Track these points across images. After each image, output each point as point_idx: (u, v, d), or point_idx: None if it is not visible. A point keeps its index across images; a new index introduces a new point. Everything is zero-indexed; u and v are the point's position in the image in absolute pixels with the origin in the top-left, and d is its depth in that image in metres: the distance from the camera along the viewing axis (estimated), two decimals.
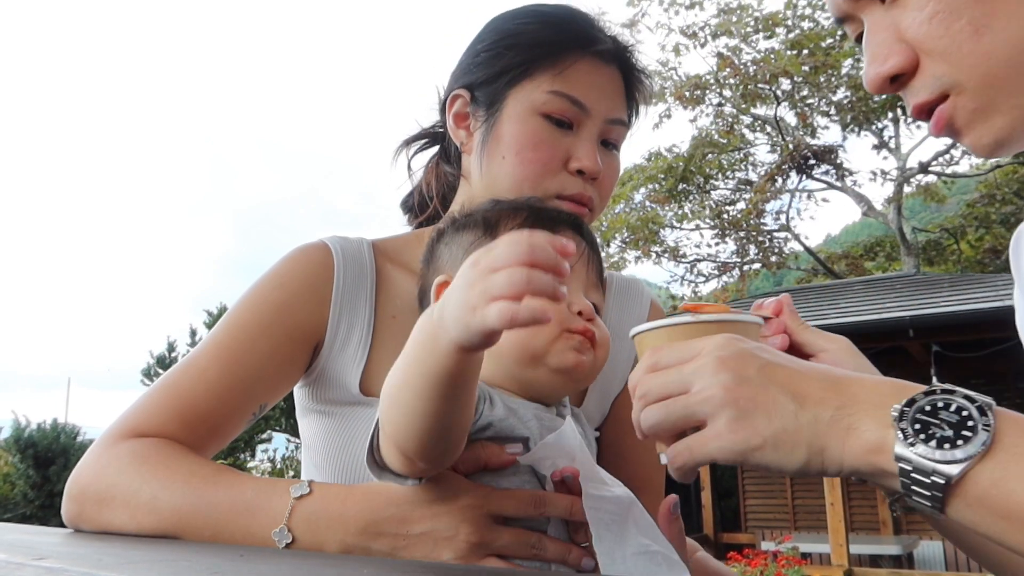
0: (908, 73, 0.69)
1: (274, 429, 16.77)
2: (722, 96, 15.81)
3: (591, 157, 1.00)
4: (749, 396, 0.59)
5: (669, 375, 0.64)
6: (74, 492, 0.88)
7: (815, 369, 0.62)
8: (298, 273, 1.01)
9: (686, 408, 0.62)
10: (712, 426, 0.60)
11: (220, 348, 0.96)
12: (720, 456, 0.60)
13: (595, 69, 1.02)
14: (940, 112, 0.69)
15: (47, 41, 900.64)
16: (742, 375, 0.60)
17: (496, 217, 0.90)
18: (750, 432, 0.58)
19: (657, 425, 0.64)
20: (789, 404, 0.58)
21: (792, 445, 0.57)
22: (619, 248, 16.49)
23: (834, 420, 0.57)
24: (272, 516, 0.79)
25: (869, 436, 0.55)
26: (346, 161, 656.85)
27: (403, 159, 1.20)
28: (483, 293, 0.56)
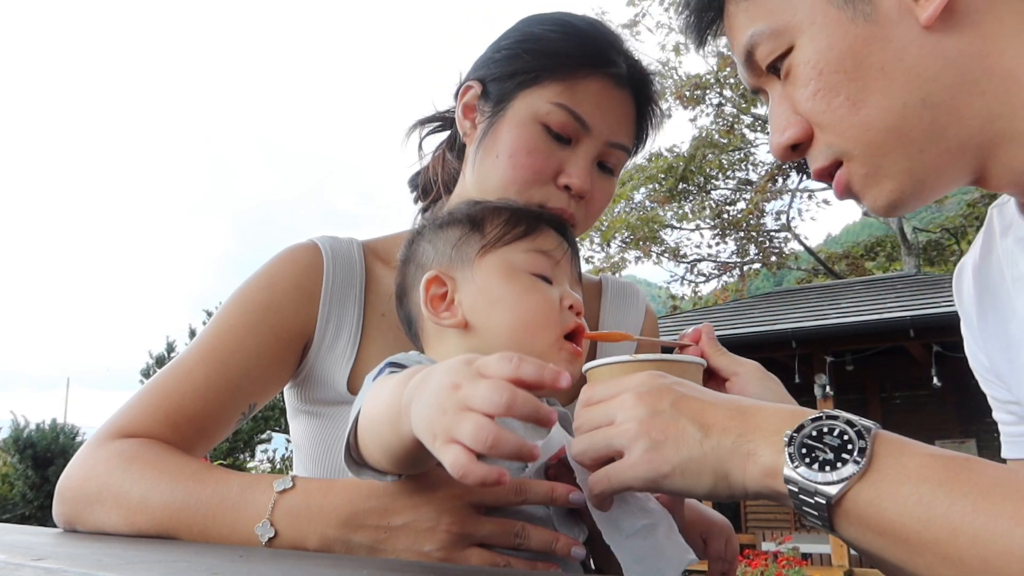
0: (805, 143, 0.78)
1: (273, 429, 16.79)
2: (722, 96, 15.81)
3: (581, 175, 1.00)
4: (660, 428, 0.64)
5: (597, 409, 0.69)
6: (65, 493, 0.89)
7: (725, 400, 0.66)
8: (287, 273, 1.02)
9: (606, 439, 0.67)
10: (628, 456, 0.65)
11: (207, 349, 0.97)
12: (634, 483, 0.65)
13: (605, 90, 1.02)
14: (838, 177, 0.77)
15: (47, 41, 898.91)
16: (655, 409, 0.65)
17: (480, 215, 0.91)
18: (660, 461, 0.63)
19: (582, 454, 0.69)
20: (696, 433, 0.62)
21: (698, 472, 0.62)
22: (619, 248, 16.50)
23: (735, 447, 0.61)
24: (256, 511, 0.80)
25: (764, 460, 0.59)
26: (346, 161, 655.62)
27: (415, 138, 1.20)
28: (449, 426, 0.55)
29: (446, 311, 0.87)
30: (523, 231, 0.88)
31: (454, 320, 0.86)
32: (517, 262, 0.87)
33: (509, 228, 0.89)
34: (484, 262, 0.87)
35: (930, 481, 0.53)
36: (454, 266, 0.89)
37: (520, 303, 0.85)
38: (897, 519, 0.53)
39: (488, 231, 0.89)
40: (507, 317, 0.84)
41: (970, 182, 0.77)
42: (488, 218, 0.90)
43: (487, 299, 0.85)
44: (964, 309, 0.97)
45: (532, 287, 0.86)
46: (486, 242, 0.88)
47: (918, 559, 0.53)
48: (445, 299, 0.88)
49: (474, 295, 0.86)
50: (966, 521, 0.51)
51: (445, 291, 0.88)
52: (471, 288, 0.87)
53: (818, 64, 0.73)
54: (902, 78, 0.71)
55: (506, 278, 0.86)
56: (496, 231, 0.89)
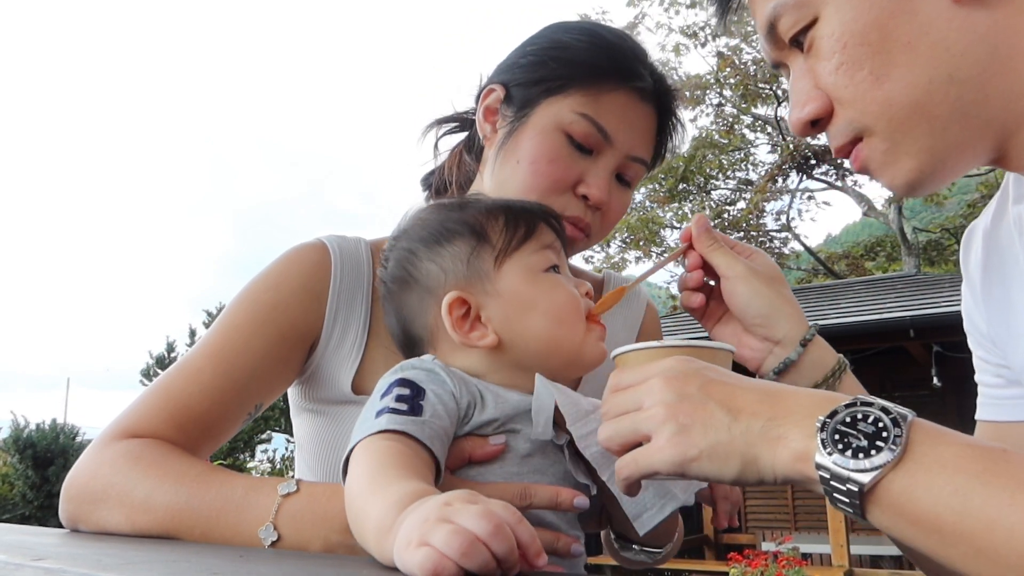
0: (825, 118, 0.76)
1: (274, 429, 16.80)
2: (722, 96, 15.81)
3: (600, 187, 1.00)
4: (688, 411, 0.63)
5: (625, 395, 0.68)
6: (71, 492, 0.89)
7: (755, 385, 0.65)
8: (294, 273, 1.01)
9: (633, 424, 0.66)
10: (655, 440, 0.64)
11: (214, 349, 0.96)
12: (661, 467, 0.63)
13: (630, 103, 1.02)
14: (856, 153, 0.75)
15: (47, 40, 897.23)
16: (683, 393, 0.64)
17: (477, 222, 0.87)
18: (687, 445, 0.62)
19: (609, 439, 0.69)
20: (724, 417, 0.62)
21: (726, 456, 0.61)
22: (619, 248, 16.49)
23: (764, 431, 0.60)
24: (260, 514, 0.80)
25: (795, 445, 0.59)
26: (347, 161, 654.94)
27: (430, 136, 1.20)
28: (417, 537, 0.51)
29: (474, 331, 0.82)
30: (526, 231, 0.87)
31: (487, 339, 0.82)
32: (533, 263, 0.86)
33: (513, 231, 0.87)
34: (503, 272, 0.84)
35: (966, 472, 0.52)
36: (472, 283, 0.84)
37: (552, 302, 0.84)
38: (931, 509, 0.52)
39: (494, 239, 0.86)
40: (543, 321, 0.83)
41: (990, 161, 0.76)
42: (488, 224, 0.87)
43: (518, 308, 0.83)
44: (968, 271, 0.96)
45: (555, 283, 0.86)
46: (498, 251, 0.85)
47: (952, 551, 0.52)
48: (469, 318, 0.83)
49: (503, 308, 0.83)
50: (1003, 514, 0.50)
51: (467, 310, 0.83)
52: (498, 302, 0.83)
53: (842, 36, 0.71)
54: (928, 52, 0.69)
55: (530, 282, 0.85)
56: (503, 237, 0.86)
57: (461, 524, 0.50)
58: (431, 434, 0.70)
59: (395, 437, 0.69)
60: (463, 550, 0.48)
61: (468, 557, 0.48)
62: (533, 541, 0.53)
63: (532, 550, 0.52)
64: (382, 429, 0.69)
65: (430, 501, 0.56)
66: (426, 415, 0.71)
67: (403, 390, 0.73)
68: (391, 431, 0.69)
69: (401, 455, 0.67)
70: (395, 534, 0.54)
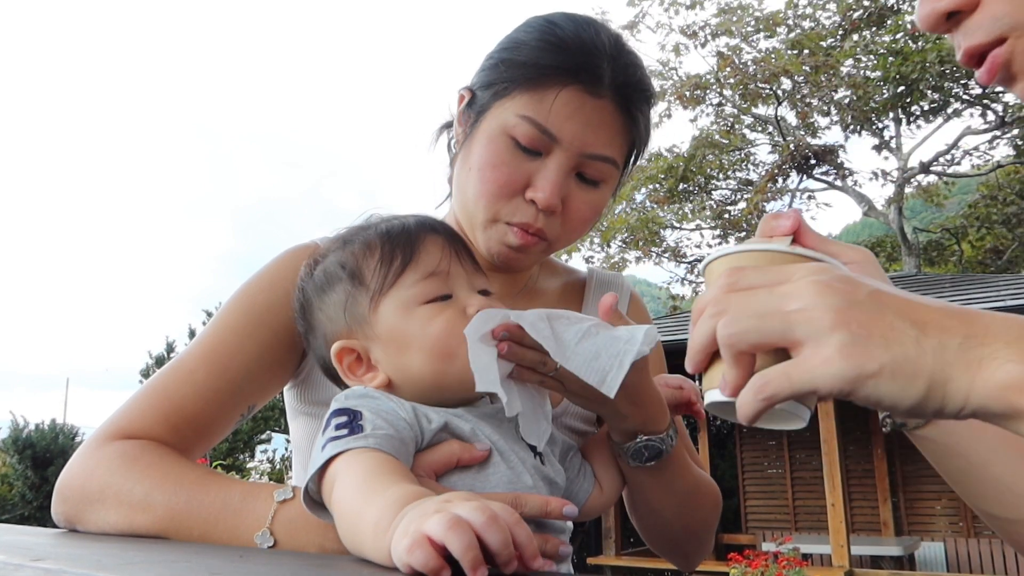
0: (966, 11, 0.64)
1: (273, 430, 16.76)
2: (722, 96, 15.79)
3: (547, 189, 0.96)
4: (863, 320, 0.52)
5: (757, 294, 0.56)
6: (66, 493, 0.89)
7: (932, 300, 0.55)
8: (288, 274, 1.01)
9: (785, 322, 0.54)
10: (817, 350, 0.53)
11: (208, 350, 0.96)
12: (827, 384, 0.52)
13: (578, 99, 0.96)
14: (995, 56, 0.63)
15: (47, 39, 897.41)
16: (851, 298, 0.53)
17: (354, 261, 0.86)
18: (865, 358, 0.51)
19: (740, 333, 0.56)
20: (910, 330, 0.52)
21: (912, 375, 0.51)
22: (619, 248, 16.48)
23: (962, 349, 0.51)
24: (256, 519, 0.80)
25: (1010, 369, 0.49)
26: (348, 159, 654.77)
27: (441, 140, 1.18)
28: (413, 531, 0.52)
29: (367, 373, 0.85)
30: (401, 264, 0.84)
31: (377, 380, 0.84)
32: (409, 298, 0.83)
33: (387, 266, 0.84)
34: (379, 314, 0.84)
35: None
36: (353, 329, 0.85)
37: (427, 338, 0.81)
38: None
39: (369, 279, 0.84)
40: (420, 357, 0.81)
41: None
42: (363, 263, 0.86)
43: (396, 348, 0.83)
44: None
45: (432, 315, 0.83)
46: (372, 293, 0.84)
47: None
48: (361, 362, 0.85)
49: (384, 349, 0.84)
50: None
51: (357, 355, 0.85)
52: (378, 344, 0.84)
53: None
54: None
55: (405, 319, 0.83)
56: (377, 277, 0.84)
57: (456, 512, 0.51)
58: (376, 443, 0.71)
59: (357, 454, 0.69)
60: (449, 529, 0.49)
61: (454, 536, 0.49)
62: (530, 543, 0.53)
63: (529, 551, 0.52)
64: (328, 457, 0.70)
65: (430, 499, 0.57)
66: (367, 430, 0.72)
67: (339, 419, 0.75)
68: (340, 452, 0.70)
69: (380, 463, 0.68)
70: (393, 530, 0.55)
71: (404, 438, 0.74)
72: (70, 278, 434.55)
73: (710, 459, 10.58)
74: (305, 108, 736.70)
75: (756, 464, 11.33)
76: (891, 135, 15.70)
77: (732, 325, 0.56)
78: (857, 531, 9.91)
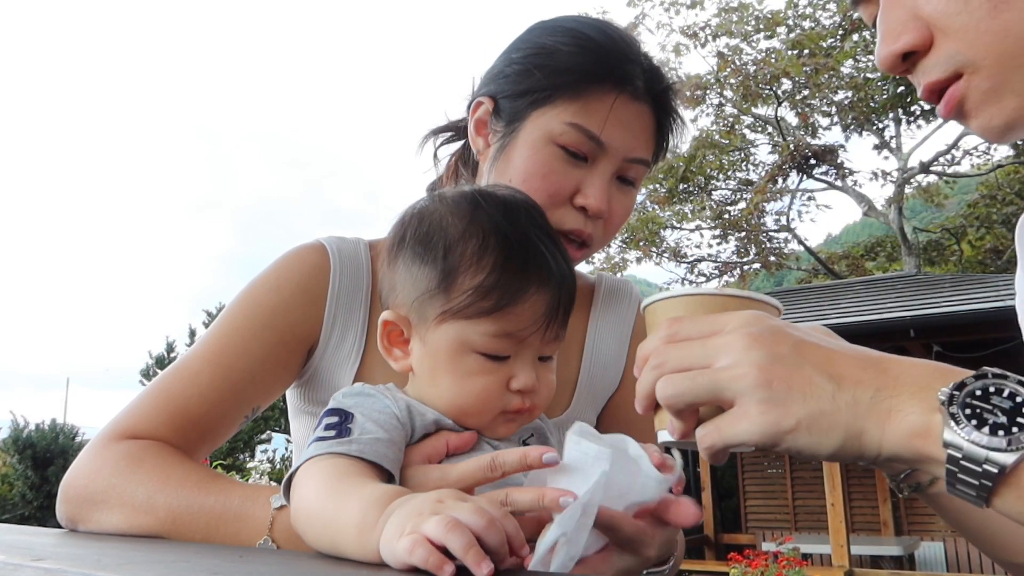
0: (921, 51, 0.67)
1: (273, 429, 16.78)
2: (723, 96, 15.81)
3: (598, 196, 0.97)
4: (783, 376, 0.55)
5: (691, 347, 0.60)
6: (70, 493, 0.89)
7: (851, 349, 0.58)
8: (293, 275, 1.01)
9: (713, 383, 0.58)
10: (741, 407, 0.57)
11: (213, 351, 0.96)
12: (750, 439, 0.56)
13: (622, 106, 0.97)
14: (952, 92, 0.66)
15: (47, 38, 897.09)
16: (775, 353, 0.56)
17: (457, 260, 0.79)
18: (783, 414, 0.55)
19: (677, 396, 0.60)
20: (826, 385, 0.55)
21: (828, 428, 0.54)
22: (619, 248, 16.49)
23: (874, 401, 0.54)
24: (256, 525, 0.81)
25: (913, 420, 0.52)
26: (349, 159, 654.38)
27: (429, 147, 1.19)
28: (411, 528, 0.54)
29: (399, 348, 0.85)
30: (491, 307, 0.77)
31: (403, 364, 0.84)
32: (471, 342, 0.78)
33: (478, 299, 0.77)
34: (440, 329, 0.80)
35: None
36: (412, 315, 0.83)
37: (460, 386, 0.79)
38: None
39: (454, 295, 0.78)
40: (444, 395, 0.80)
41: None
42: (461, 275, 0.78)
43: (431, 366, 0.81)
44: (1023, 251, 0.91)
45: (477, 370, 0.79)
46: (447, 309, 0.78)
47: None
48: (401, 336, 0.85)
49: (422, 354, 0.82)
50: None
51: (401, 331, 0.84)
52: (422, 347, 0.82)
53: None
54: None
55: (453, 355, 0.79)
56: (463, 299, 0.77)
57: (453, 515, 0.53)
58: (359, 449, 0.71)
59: (328, 458, 0.71)
60: (448, 531, 0.51)
61: (454, 537, 0.51)
62: (517, 533, 0.55)
63: (517, 541, 0.55)
64: (308, 457, 0.71)
65: (419, 497, 0.58)
66: (354, 434, 0.73)
67: (331, 419, 0.75)
68: (319, 455, 0.71)
69: (350, 466, 0.69)
70: (380, 528, 0.57)
71: (393, 439, 0.74)
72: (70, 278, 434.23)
73: None
74: (306, 108, 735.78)
75: (756, 464, 11.34)
76: (891, 135, 15.72)
77: (669, 387, 0.60)
78: (857, 531, 9.91)
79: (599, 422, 1.13)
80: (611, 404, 1.13)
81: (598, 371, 1.12)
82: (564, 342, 1.12)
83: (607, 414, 1.13)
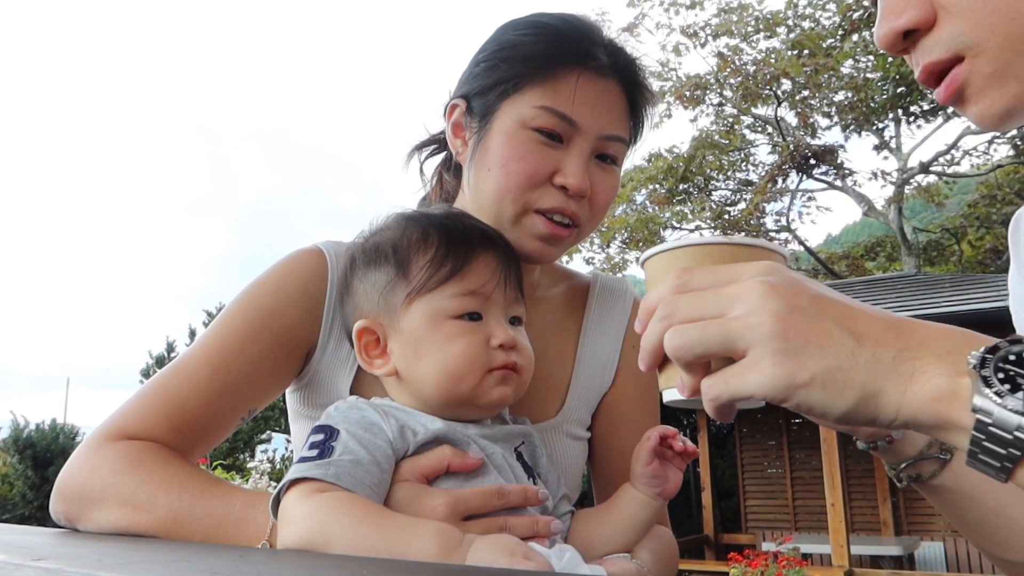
0: (923, 29, 0.64)
1: (273, 430, 16.77)
2: (722, 96, 15.80)
3: (576, 174, 0.98)
4: (801, 328, 0.53)
5: (704, 296, 0.57)
6: (66, 492, 0.89)
7: (873, 309, 0.56)
8: (292, 279, 1.01)
9: (725, 332, 0.55)
10: (753, 357, 0.54)
11: (211, 352, 0.96)
12: (760, 391, 0.54)
13: (589, 84, 0.99)
14: (953, 76, 0.64)
15: (47, 38, 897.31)
16: (793, 304, 0.54)
17: (406, 252, 0.88)
18: (797, 366, 0.52)
19: (686, 347, 0.57)
20: (846, 340, 0.53)
21: (844, 384, 0.52)
22: (619, 249, 16.48)
23: (896, 362, 0.52)
24: (256, 530, 0.81)
25: (939, 383, 0.50)
26: (349, 158, 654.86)
27: (415, 163, 1.20)
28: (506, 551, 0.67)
29: (379, 358, 0.89)
30: (449, 272, 0.86)
31: (386, 369, 0.88)
32: (442, 308, 0.85)
33: (435, 270, 0.86)
34: (409, 312, 0.86)
35: None
36: (383, 314, 0.89)
37: (444, 353, 0.84)
38: None
39: (413, 275, 0.87)
40: (432, 368, 0.84)
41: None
42: (414, 257, 0.87)
43: (413, 350, 0.86)
44: (1019, 253, 0.91)
45: (456, 333, 0.85)
46: (411, 289, 0.86)
47: None
48: (379, 345, 0.89)
49: (401, 345, 0.87)
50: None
51: (377, 337, 0.89)
52: (399, 338, 0.87)
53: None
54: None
55: (430, 327, 0.85)
56: (422, 275, 0.86)
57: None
58: (335, 473, 0.74)
59: (313, 484, 0.74)
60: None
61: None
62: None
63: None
64: (289, 479, 0.75)
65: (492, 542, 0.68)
66: (335, 454, 0.76)
67: (316, 436, 0.79)
68: (300, 479, 0.75)
69: (343, 499, 0.74)
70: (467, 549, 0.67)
71: (376, 460, 0.77)
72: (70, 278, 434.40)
73: (710, 459, 10.59)
74: (306, 107, 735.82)
75: (756, 464, 11.34)
76: (891, 135, 15.71)
77: (677, 338, 0.57)
78: (857, 531, 9.91)
79: (593, 421, 1.14)
80: (605, 403, 1.14)
81: (592, 370, 1.13)
82: (558, 341, 1.12)
83: (601, 413, 1.14)
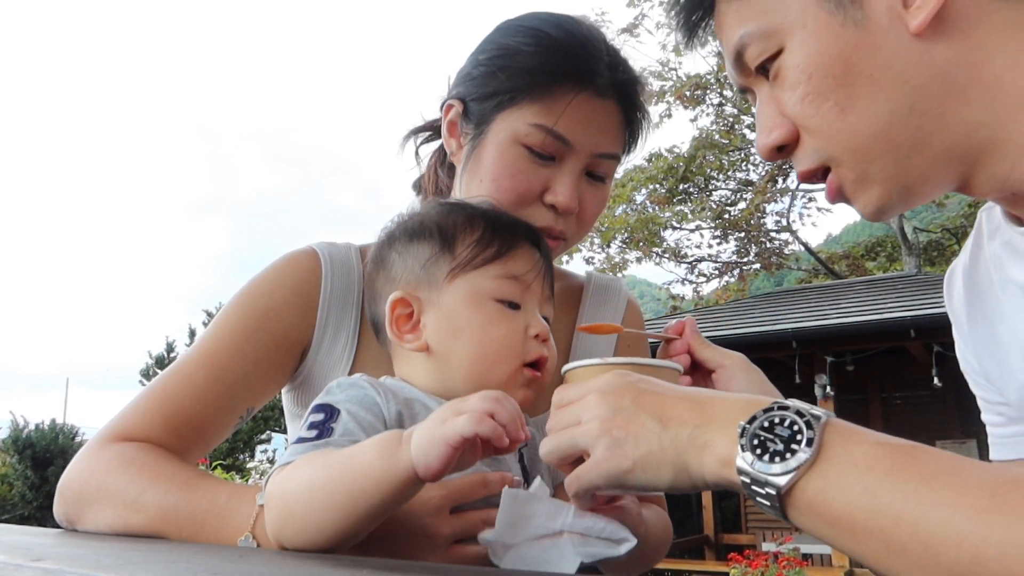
0: (791, 144, 0.78)
1: (273, 430, 16.80)
2: (722, 96, 15.80)
3: (567, 195, 0.98)
4: (621, 424, 0.64)
5: (567, 411, 0.70)
6: (65, 492, 0.92)
7: (686, 393, 0.66)
8: (287, 279, 1.02)
9: (571, 439, 0.68)
10: (592, 455, 0.65)
11: (207, 354, 0.98)
12: (600, 481, 0.65)
13: (585, 102, 0.98)
14: (830, 182, 0.77)
15: (47, 37, 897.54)
16: (617, 407, 0.65)
17: (452, 228, 0.89)
18: (621, 457, 0.63)
19: (549, 454, 0.70)
20: (655, 427, 0.63)
21: (659, 465, 0.62)
22: (619, 249, 16.48)
23: (692, 438, 0.61)
24: (240, 522, 0.82)
25: (720, 451, 0.60)
26: (349, 158, 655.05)
27: (411, 146, 1.20)
28: (453, 410, 0.67)
29: (410, 332, 0.88)
30: (494, 253, 0.87)
31: (417, 344, 0.87)
32: (485, 289, 0.85)
33: (480, 249, 0.87)
34: (452, 287, 0.86)
35: (876, 470, 0.53)
36: (421, 286, 0.88)
37: (484, 335, 0.84)
38: (844, 508, 0.54)
39: (459, 251, 0.87)
40: (469, 348, 0.84)
41: (956, 188, 0.77)
42: (460, 235, 0.88)
43: (451, 327, 0.85)
44: (954, 312, 0.97)
45: (498, 317, 0.85)
46: (455, 264, 0.86)
47: (864, 547, 0.54)
48: (411, 319, 0.88)
49: (438, 321, 0.86)
50: (908, 508, 0.51)
51: (411, 311, 0.88)
52: (436, 313, 0.86)
53: (807, 68, 0.73)
54: (890, 85, 0.71)
55: (472, 306, 0.85)
56: (467, 252, 0.87)
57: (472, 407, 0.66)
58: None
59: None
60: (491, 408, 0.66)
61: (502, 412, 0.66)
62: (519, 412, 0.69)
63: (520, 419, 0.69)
64: (287, 460, 0.75)
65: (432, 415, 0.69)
66: (335, 435, 0.75)
67: (316, 416, 0.78)
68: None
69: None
70: (407, 443, 0.67)
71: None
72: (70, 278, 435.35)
73: None
74: (305, 107, 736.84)
75: None
76: None
77: (546, 445, 0.71)
78: None
79: None
80: None
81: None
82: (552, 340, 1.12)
83: None
